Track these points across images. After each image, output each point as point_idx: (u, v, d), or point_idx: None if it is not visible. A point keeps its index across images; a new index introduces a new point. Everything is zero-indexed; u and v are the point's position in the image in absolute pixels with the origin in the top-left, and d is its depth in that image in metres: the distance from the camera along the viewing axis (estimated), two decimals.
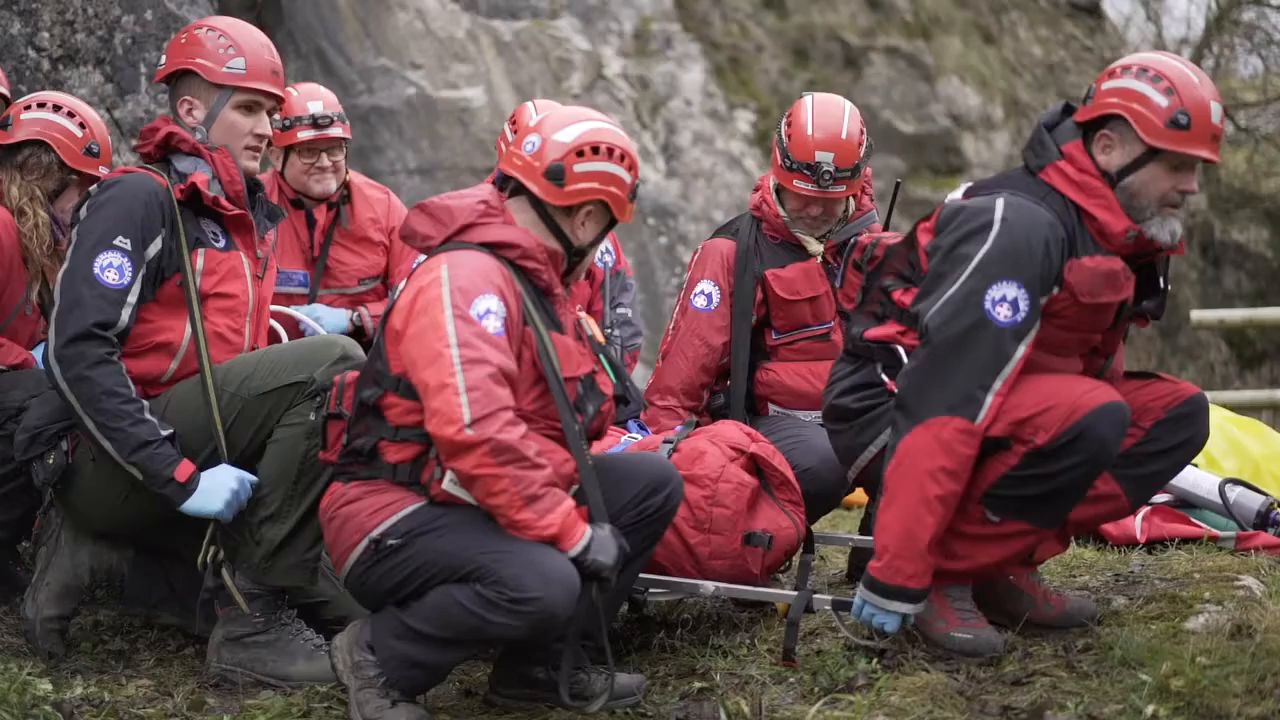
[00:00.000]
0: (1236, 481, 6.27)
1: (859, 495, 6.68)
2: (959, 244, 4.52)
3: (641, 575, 4.90)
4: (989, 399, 4.41)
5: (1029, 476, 4.47)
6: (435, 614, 4.25)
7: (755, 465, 5.19)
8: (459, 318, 4.20)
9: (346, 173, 6.62)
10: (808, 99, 5.91)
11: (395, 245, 6.61)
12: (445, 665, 4.42)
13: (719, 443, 5.19)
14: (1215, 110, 4.48)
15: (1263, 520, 6.12)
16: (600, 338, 4.69)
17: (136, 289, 4.71)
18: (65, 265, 4.72)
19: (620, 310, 6.48)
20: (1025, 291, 4.43)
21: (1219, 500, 6.20)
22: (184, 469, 4.61)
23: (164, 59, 5.03)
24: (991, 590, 4.81)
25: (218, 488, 4.64)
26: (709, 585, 4.99)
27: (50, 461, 4.81)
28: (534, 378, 4.36)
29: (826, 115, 5.82)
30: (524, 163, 4.50)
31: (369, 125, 11.65)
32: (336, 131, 6.48)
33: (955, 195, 4.80)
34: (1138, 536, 6.11)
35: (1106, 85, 4.56)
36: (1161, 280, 4.76)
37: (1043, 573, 5.38)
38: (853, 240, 5.12)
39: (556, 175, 4.44)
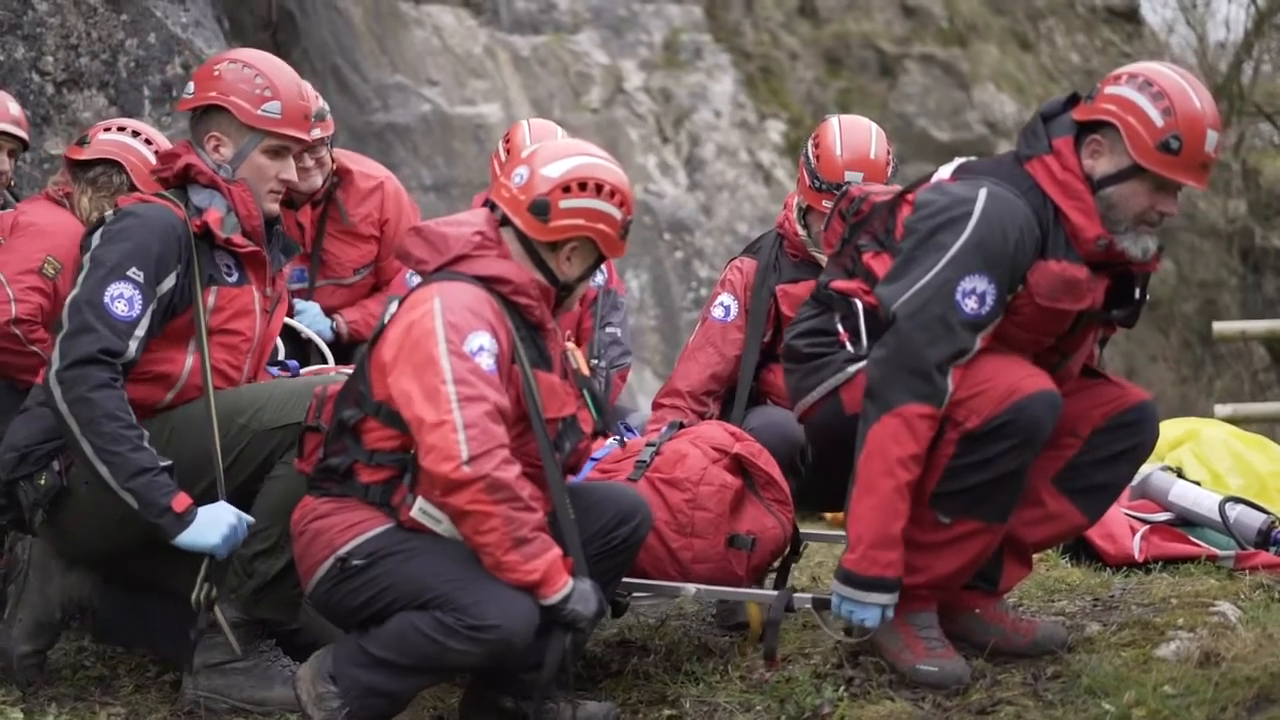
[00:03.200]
0: (1237, 500, 6.20)
1: None
2: (936, 231, 4.49)
3: (624, 580, 4.88)
4: (949, 384, 4.41)
5: (967, 465, 4.45)
6: (395, 641, 4.27)
7: (740, 466, 5.14)
8: (453, 354, 4.20)
9: (333, 162, 6.54)
10: (834, 120, 5.94)
11: (386, 236, 6.53)
12: (406, 693, 4.42)
13: (701, 444, 5.14)
14: (1211, 139, 4.42)
15: (1264, 539, 6.05)
16: (585, 370, 4.68)
17: (145, 323, 4.66)
18: (75, 291, 4.67)
19: (609, 330, 6.45)
20: (994, 286, 4.42)
21: (1219, 519, 6.13)
22: (181, 500, 4.55)
23: (192, 88, 4.98)
24: (958, 623, 4.77)
25: (216, 522, 4.58)
26: (690, 587, 4.96)
27: (42, 482, 4.76)
28: (516, 415, 4.35)
29: (854, 136, 5.84)
30: (510, 195, 4.49)
31: (384, 142, 11.66)
32: (317, 133, 6.40)
33: (943, 173, 4.75)
34: (1135, 556, 6.06)
35: (1109, 90, 4.51)
36: (1138, 291, 4.70)
37: (1021, 596, 5.36)
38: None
39: (541, 210, 4.43)
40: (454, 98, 12.51)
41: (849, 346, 4.72)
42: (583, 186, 4.44)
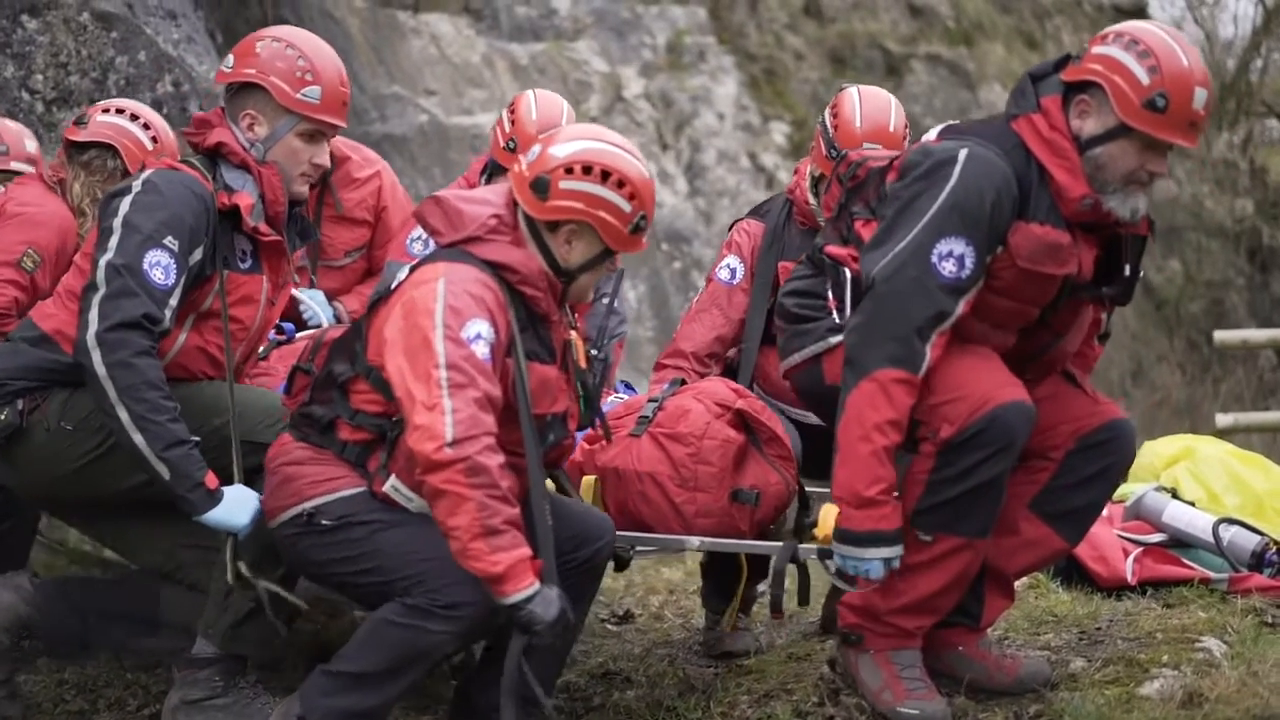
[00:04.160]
0: (1231, 521, 6.14)
1: None
2: (915, 197, 4.46)
3: (627, 534, 4.87)
4: (928, 351, 4.39)
5: (946, 478, 4.43)
6: (369, 643, 4.28)
7: (743, 421, 5.09)
8: (449, 339, 4.17)
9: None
10: (853, 90, 5.82)
11: (383, 223, 6.47)
12: (382, 708, 4.38)
13: (704, 399, 5.09)
14: (1199, 97, 4.36)
15: (1258, 561, 5.99)
16: (583, 362, 4.64)
17: (179, 293, 4.62)
18: (110, 254, 4.57)
19: (604, 301, 6.30)
20: (972, 248, 4.40)
21: (1213, 540, 6.08)
22: (212, 477, 4.52)
23: (231, 61, 4.89)
24: (942, 661, 4.74)
25: (244, 503, 4.54)
26: (693, 540, 4.92)
27: (2, 416, 4.71)
28: (503, 406, 4.30)
29: (873, 107, 5.73)
30: (518, 171, 4.44)
31: (381, 153, 11.44)
32: None
33: (930, 135, 4.74)
34: (1128, 579, 6.01)
35: (1096, 50, 4.45)
36: (1128, 266, 4.63)
37: (1008, 628, 5.32)
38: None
39: (541, 188, 4.36)
40: (451, 107, 12.46)
41: (835, 315, 4.70)
42: (586, 170, 4.36)
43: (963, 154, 4.44)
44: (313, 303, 6.18)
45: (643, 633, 6.02)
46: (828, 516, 4.56)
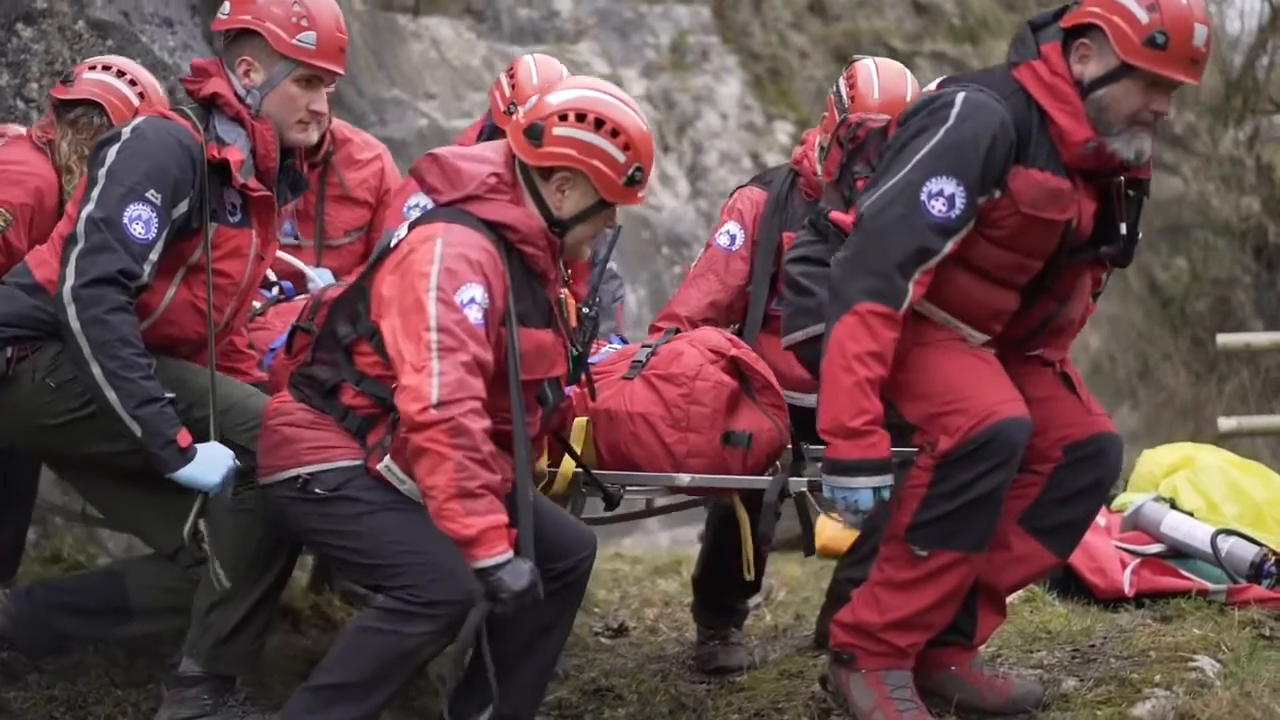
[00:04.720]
0: (1230, 532, 6.12)
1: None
2: (913, 138, 4.48)
3: (617, 473, 4.91)
4: (910, 288, 4.40)
5: (943, 492, 4.43)
6: (348, 654, 4.29)
7: (737, 369, 5.07)
8: (442, 302, 4.16)
9: (330, 121, 6.35)
10: (869, 61, 5.77)
11: (385, 205, 6.44)
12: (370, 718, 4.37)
13: (698, 345, 5.09)
14: (1199, 33, 4.37)
15: (1256, 572, 5.98)
16: (574, 321, 4.62)
17: (159, 247, 4.58)
18: (90, 206, 4.55)
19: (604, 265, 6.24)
20: (963, 189, 4.40)
21: (1211, 551, 6.05)
22: (185, 435, 4.49)
23: (227, 8, 4.85)
24: (934, 681, 4.72)
25: (216, 461, 4.52)
26: (684, 476, 4.92)
27: None
28: (497, 373, 4.29)
29: (890, 79, 5.68)
30: (515, 121, 4.43)
31: None
32: None
33: (931, 86, 4.76)
34: (1126, 591, 5.99)
35: None
36: (1124, 226, 4.61)
37: (1001, 645, 5.30)
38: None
39: (535, 134, 4.35)
40: (451, 111, 12.40)
41: None
42: (580, 118, 4.34)
43: (959, 98, 4.46)
44: (320, 280, 6.17)
45: (636, 646, 6.00)
46: (824, 527, 4.55)
